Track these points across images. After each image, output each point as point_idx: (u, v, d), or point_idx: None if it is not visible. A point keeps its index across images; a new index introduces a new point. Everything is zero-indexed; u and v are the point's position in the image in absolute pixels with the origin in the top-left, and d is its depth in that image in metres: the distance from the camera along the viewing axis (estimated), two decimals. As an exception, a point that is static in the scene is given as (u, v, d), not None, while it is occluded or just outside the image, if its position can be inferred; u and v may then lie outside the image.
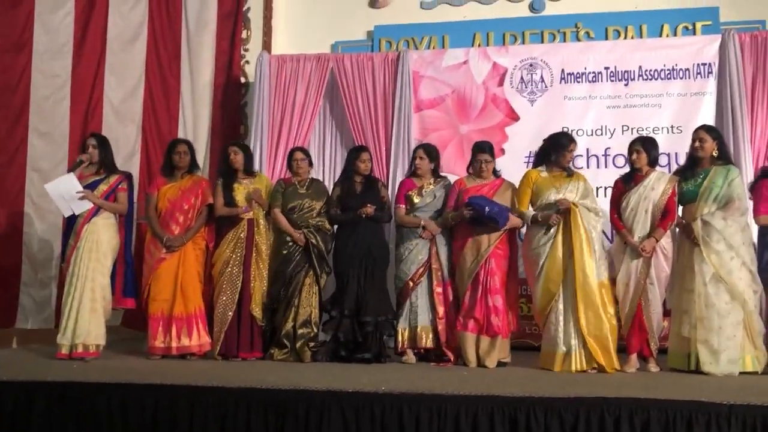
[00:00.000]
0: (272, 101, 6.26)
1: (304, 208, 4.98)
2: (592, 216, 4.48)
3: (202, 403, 3.45)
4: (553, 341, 4.43)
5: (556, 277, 4.43)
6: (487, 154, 4.84)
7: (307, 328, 4.86)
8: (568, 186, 4.55)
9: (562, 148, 4.63)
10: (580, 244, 4.37)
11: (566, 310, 4.40)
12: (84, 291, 4.68)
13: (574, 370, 4.31)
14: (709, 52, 5.77)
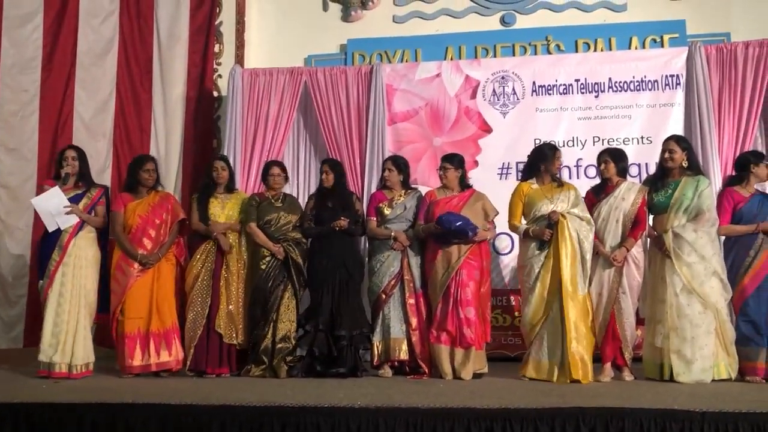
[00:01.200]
0: (245, 115, 6.24)
1: (280, 221, 4.96)
2: (584, 225, 4.47)
3: (175, 421, 3.38)
4: (542, 351, 4.42)
5: (549, 287, 4.44)
6: (446, 162, 4.85)
7: (286, 343, 4.82)
8: (559, 196, 4.56)
9: (550, 158, 4.66)
10: (566, 256, 4.39)
11: (555, 321, 4.41)
12: (80, 308, 4.66)
13: (557, 381, 4.31)
14: (677, 64, 5.89)
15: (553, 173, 4.67)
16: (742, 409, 3.18)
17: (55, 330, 4.62)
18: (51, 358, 4.59)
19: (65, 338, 4.61)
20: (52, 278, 4.65)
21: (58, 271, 4.65)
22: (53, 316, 4.64)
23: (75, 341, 4.63)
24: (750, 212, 4.48)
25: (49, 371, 4.58)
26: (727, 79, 5.76)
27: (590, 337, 4.41)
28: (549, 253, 4.46)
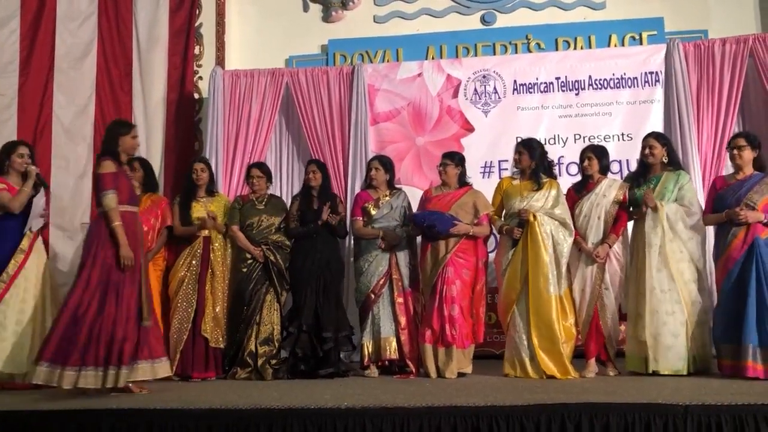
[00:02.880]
0: (227, 117, 6.21)
1: (262, 224, 4.95)
2: (560, 225, 4.50)
3: (161, 426, 3.36)
4: (515, 347, 4.48)
5: (515, 284, 4.49)
6: (446, 159, 4.85)
7: (269, 346, 4.81)
8: (534, 195, 4.57)
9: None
10: (535, 258, 4.43)
11: (526, 317, 4.45)
12: (46, 315, 4.46)
13: (535, 376, 4.37)
14: (656, 61, 5.95)
15: (528, 169, 4.64)
16: (724, 402, 3.21)
17: (17, 339, 4.32)
18: (17, 368, 4.30)
19: (31, 346, 4.32)
20: (11, 283, 4.39)
21: (19, 276, 4.41)
22: (13, 323, 4.35)
23: None
24: (724, 198, 4.36)
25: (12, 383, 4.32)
26: (706, 75, 5.83)
27: (569, 334, 4.44)
28: (517, 251, 4.50)
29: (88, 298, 3.92)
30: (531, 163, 4.62)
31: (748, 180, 4.29)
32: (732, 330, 4.15)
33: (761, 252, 4.13)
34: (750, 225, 4.19)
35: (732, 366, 4.14)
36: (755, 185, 4.25)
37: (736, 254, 4.20)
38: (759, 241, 4.15)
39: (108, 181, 4.00)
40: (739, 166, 4.35)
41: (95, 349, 3.85)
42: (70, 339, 3.84)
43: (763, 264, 4.11)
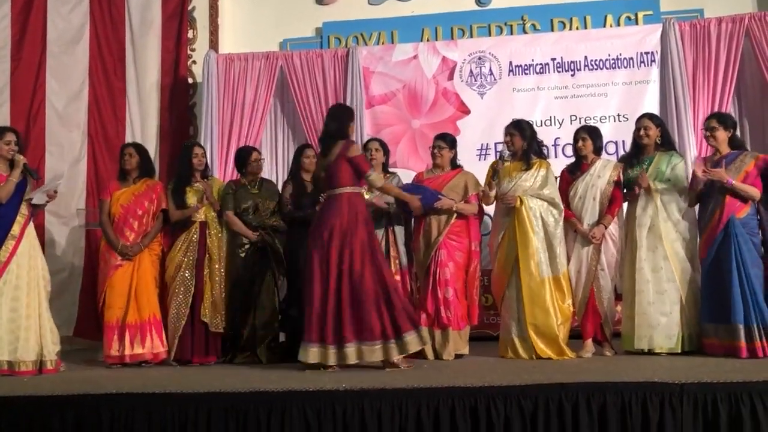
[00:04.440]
0: (221, 101, 6.19)
1: (258, 208, 4.94)
2: (549, 206, 4.51)
3: (160, 411, 3.37)
4: (507, 329, 4.51)
5: (506, 267, 4.52)
6: (442, 141, 4.84)
7: (267, 330, 4.82)
8: (522, 175, 4.57)
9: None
10: (524, 240, 4.44)
11: (518, 299, 4.48)
12: (41, 300, 4.45)
13: (526, 357, 4.41)
14: (651, 41, 5.92)
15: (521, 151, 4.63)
16: (719, 380, 3.24)
17: (12, 326, 4.32)
18: (14, 355, 4.30)
19: (26, 334, 4.33)
20: (3, 269, 4.34)
21: (11, 262, 4.37)
22: (7, 311, 4.32)
23: (42, 335, 4.41)
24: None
25: (11, 370, 4.29)
26: (701, 55, 5.81)
27: (565, 316, 4.46)
28: (507, 234, 4.52)
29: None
30: (523, 144, 4.61)
31: (725, 159, 4.30)
32: (717, 310, 4.18)
33: (737, 232, 4.16)
34: (724, 204, 4.21)
35: (722, 346, 4.16)
36: (731, 163, 4.27)
37: (713, 234, 4.24)
38: (735, 221, 4.18)
39: (365, 162, 4.27)
40: (715, 147, 4.37)
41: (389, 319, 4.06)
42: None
43: (738, 245, 4.13)
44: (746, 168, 4.23)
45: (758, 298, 4.08)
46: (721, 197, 4.23)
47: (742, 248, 4.14)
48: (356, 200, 4.21)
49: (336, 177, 4.20)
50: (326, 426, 3.28)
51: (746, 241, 4.16)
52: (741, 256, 4.12)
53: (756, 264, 4.17)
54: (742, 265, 4.11)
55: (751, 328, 4.06)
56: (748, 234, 4.19)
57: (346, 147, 4.21)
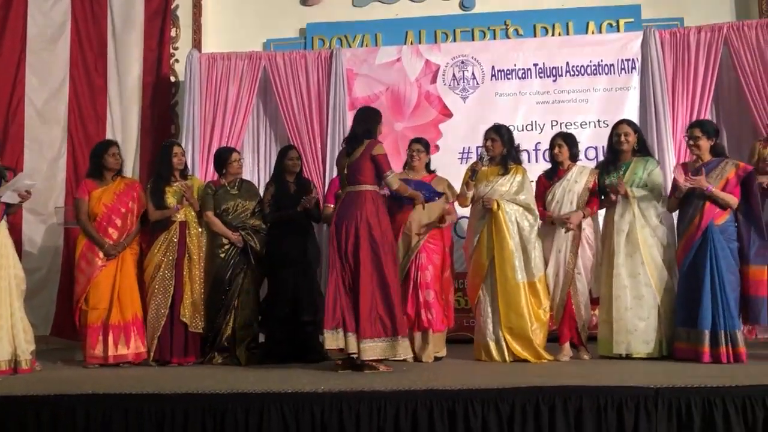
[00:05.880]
0: (203, 100, 6.16)
1: (238, 209, 4.93)
2: (525, 212, 4.55)
3: (136, 411, 3.35)
4: (482, 332, 4.54)
5: (480, 271, 4.55)
6: (420, 145, 4.91)
7: (247, 331, 4.82)
8: (499, 179, 4.61)
9: (484, 141, 4.73)
10: (500, 245, 4.47)
11: (492, 303, 4.51)
12: (13, 299, 4.38)
13: (499, 360, 4.44)
14: (632, 48, 5.99)
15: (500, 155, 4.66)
16: (694, 385, 3.28)
17: None
18: None
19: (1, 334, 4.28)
20: None
21: None
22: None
23: (15, 334, 4.34)
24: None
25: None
26: (681, 63, 5.89)
27: (541, 320, 4.49)
28: (482, 238, 4.56)
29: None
30: (502, 150, 4.65)
31: (706, 166, 4.36)
32: (688, 315, 4.24)
33: (715, 238, 4.21)
34: (704, 210, 4.26)
35: (687, 350, 4.22)
36: (712, 171, 4.32)
37: (692, 240, 4.29)
38: (713, 227, 4.24)
39: (388, 162, 4.28)
40: (698, 156, 4.43)
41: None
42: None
43: (715, 250, 4.19)
44: (727, 176, 4.28)
45: (729, 305, 4.14)
46: (701, 203, 4.29)
47: (718, 254, 4.19)
48: (377, 198, 4.24)
49: (359, 174, 4.23)
50: (304, 428, 3.29)
51: (723, 248, 4.22)
52: (717, 261, 4.18)
53: (731, 271, 4.22)
54: (717, 270, 4.17)
55: (717, 334, 4.11)
56: (726, 241, 4.24)
57: (372, 145, 4.24)
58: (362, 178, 4.22)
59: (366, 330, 4.00)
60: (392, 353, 4.05)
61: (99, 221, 4.79)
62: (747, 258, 4.26)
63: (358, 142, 4.28)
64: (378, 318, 4.05)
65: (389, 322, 4.06)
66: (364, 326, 4.01)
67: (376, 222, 4.14)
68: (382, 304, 4.07)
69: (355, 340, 4.03)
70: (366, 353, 4.01)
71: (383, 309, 4.06)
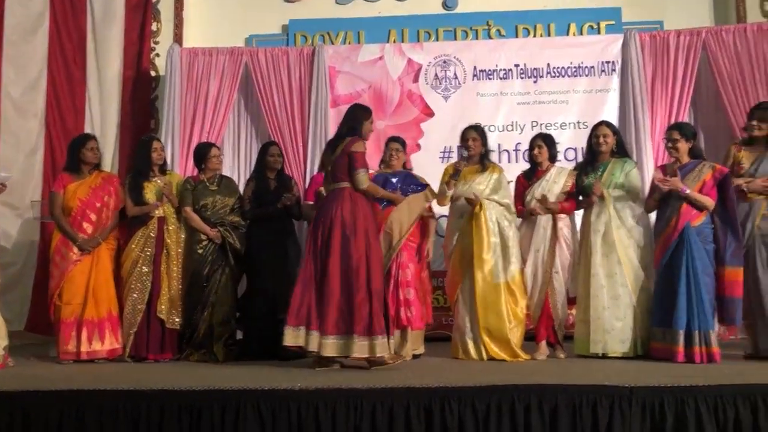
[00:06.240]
0: (184, 95, 6.12)
1: (217, 205, 4.90)
2: (505, 211, 4.59)
3: (111, 408, 3.32)
4: (460, 330, 4.57)
5: (460, 268, 4.58)
6: (398, 143, 4.92)
7: (225, 327, 4.79)
8: (477, 178, 4.65)
9: (462, 140, 4.77)
10: (481, 245, 4.49)
11: (470, 302, 4.53)
12: None
13: (477, 358, 4.46)
14: (613, 50, 6.04)
15: (478, 155, 4.70)
16: (667, 384, 3.32)
17: None
18: None
19: None
20: None
21: None
22: None
23: None
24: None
25: None
26: (660, 66, 5.96)
27: (518, 319, 4.52)
28: (461, 237, 4.58)
29: None
30: (481, 149, 4.70)
31: (684, 168, 4.41)
32: (664, 315, 4.28)
33: (691, 240, 4.25)
34: (681, 212, 4.30)
35: (662, 350, 4.26)
36: (689, 173, 4.37)
37: (668, 241, 4.32)
38: (690, 229, 4.28)
39: (362, 160, 4.17)
40: (676, 158, 4.47)
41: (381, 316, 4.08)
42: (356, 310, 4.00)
43: (691, 251, 4.23)
44: (704, 178, 4.33)
45: (704, 306, 4.19)
46: (678, 205, 4.33)
47: (694, 256, 4.24)
48: (356, 196, 4.18)
49: (339, 171, 4.20)
50: (280, 425, 3.27)
51: (699, 249, 4.26)
52: (693, 263, 4.23)
53: (707, 272, 4.27)
54: (693, 272, 4.21)
55: (691, 334, 4.16)
56: (702, 242, 4.29)
57: (351, 143, 4.20)
58: (342, 175, 4.20)
59: (328, 327, 3.98)
60: (347, 352, 3.98)
61: (74, 216, 4.74)
62: (723, 260, 4.30)
63: (341, 139, 4.26)
64: (340, 316, 4.00)
65: (350, 319, 3.99)
66: (327, 323, 3.98)
67: (351, 220, 4.10)
68: (345, 302, 4.01)
69: (317, 338, 4.00)
70: (326, 349, 3.98)
71: (345, 307, 4.01)
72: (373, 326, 4.00)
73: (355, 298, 4.01)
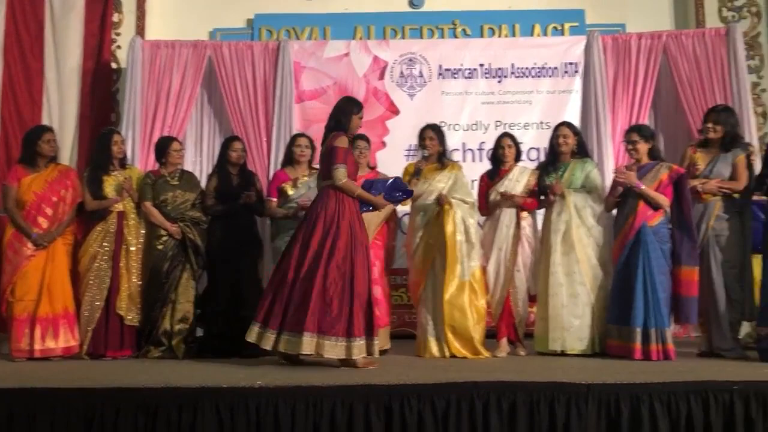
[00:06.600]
0: (146, 88, 6.02)
1: (177, 200, 4.83)
2: (468, 209, 4.62)
3: (64, 407, 3.25)
4: (423, 328, 4.58)
5: (423, 266, 4.59)
6: (365, 141, 4.93)
7: (184, 324, 4.74)
8: (436, 177, 4.67)
9: (419, 139, 4.78)
10: (445, 243, 4.50)
11: (434, 300, 4.54)
12: None
13: (440, 356, 4.48)
14: (576, 52, 6.12)
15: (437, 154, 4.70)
16: (623, 381, 3.38)
17: None
18: None
19: None
20: None
21: None
22: None
23: None
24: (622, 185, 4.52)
25: None
26: (622, 68, 6.06)
27: (480, 316, 4.56)
28: (425, 235, 4.59)
29: None
30: (439, 148, 4.72)
31: (643, 168, 4.49)
32: (621, 313, 4.35)
33: (647, 239, 4.33)
34: (638, 211, 4.38)
35: (619, 347, 4.33)
36: (647, 173, 4.46)
37: (625, 240, 4.40)
38: (646, 228, 4.35)
39: (342, 156, 4.03)
40: (636, 159, 4.56)
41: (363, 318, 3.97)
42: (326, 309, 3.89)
43: (647, 251, 4.31)
44: (660, 177, 4.41)
45: (660, 304, 4.27)
46: (635, 204, 4.41)
47: (650, 255, 4.32)
48: (340, 195, 4.05)
49: (325, 168, 4.11)
50: (239, 423, 3.23)
51: (655, 249, 4.34)
52: (649, 262, 4.31)
53: (663, 271, 4.35)
54: (649, 270, 4.29)
55: (648, 332, 4.24)
56: (658, 242, 4.37)
57: (334, 138, 4.10)
58: (327, 172, 4.10)
59: (307, 326, 3.90)
60: (322, 351, 3.90)
61: (28, 209, 4.62)
62: (679, 259, 4.39)
63: (328, 134, 4.17)
64: (320, 315, 3.92)
65: (357, 322, 3.92)
66: (303, 323, 3.90)
67: (335, 220, 3.99)
68: (323, 302, 3.93)
69: (273, 336, 3.93)
70: (281, 345, 3.92)
71: (324, 307, 3.92)
72: (353, 328, 3.90)
73: (335, 298, 3.91)
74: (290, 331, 3.90)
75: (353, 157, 4.22)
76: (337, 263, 3.94)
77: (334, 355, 3.91)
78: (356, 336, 3.91)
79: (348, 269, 3.96)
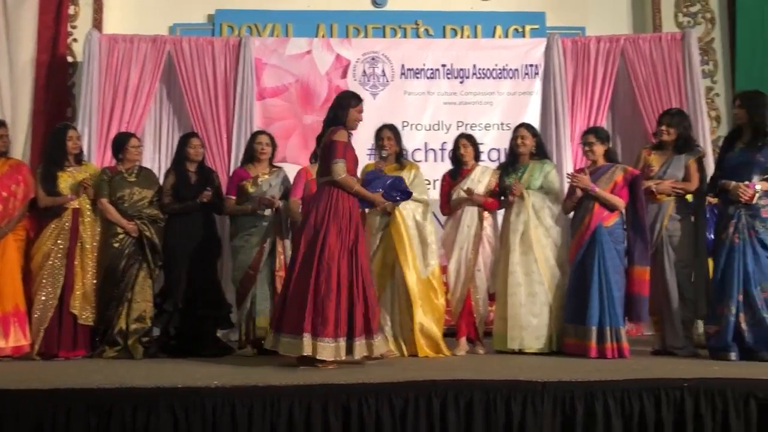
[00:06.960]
0: (103, 83, 5.91)
1: (134, 197, 4.75)
2: (421, 206, 4.64)
3: (12, 409, 3.16)
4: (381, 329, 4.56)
5: (383, 268, 4.58)
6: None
7: (141, 323, 4.65)
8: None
9: (376, 140, 4.78)
10: (402, 244, 4.52)
11: (393, 301, 4.55)
12: None
13: (399, 356, 4.47)
14: (536, 54, 6.20)
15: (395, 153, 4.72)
16: (578, 379, 3.43)
17: None
18: None
19: None
20: None
21: None
22: None
23: None
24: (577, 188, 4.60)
25: None
26: (581, 70, 6.16)
27: (440, 314, 4.59)
28: (384, 237, 4.59)
29: None
30: (397, 148, 4.74)
31: (599, 170, 4.58)
32: (577, 312, 4.42)
33: (603, 240, 4.41)
34: (593, 212, 4.47)
35: (576, 345, 4.41)
36: (603, 174, 4.55)
37: (581, 240, 4.48)
38: (602, 228, 4.44)
39: (341, 150, 3.92)
40: (593, 161, 4.64)
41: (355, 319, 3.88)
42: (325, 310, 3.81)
43: (602, 251, 4.39)
44: (615, 179, 4.50)
45: (614, 303, 4.35)
46: (591, 205, 4.49)
47: (605, 255, 4.40)
48: (337, 193, 3.96)
49: (324, 164, 4.02)
50: (195, 424, 3.19)
51: (610, 249, 4.43)
52: (604, 262, 4.39)
53: (617, 271, 4.43)
54: (604, 270, 4.38)
55: (603, 330, 4.32)
56: (613, 242, 4.45)
57: (333, 132, 4.01)
58: (326, 168, 4.00)
59: (285, 326, 3.87)
60: (300, 351, 3.85)
61: None
62: (632, 259, 4.48)
63: (326, 129, 4.09)
64: (284, 315, 3.90)
65: (292, 319, 3.87)
66: (284, 322, 3.88)
67: (325, 219, 3.91)
68: (284, 301, 3.92)
69: (272, 338, 3.93)
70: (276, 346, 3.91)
71: (286, 306, 3.90)
72: (338, 329, 3.84)
73: (318, 299, 3.82)
74: (289, 334, 3.85)
75: (353, 151, 4.10)
76: (326, 264, 3.86)
77: (329, 356, 3.82)
78: (340, 336, 3.85)
79: (336, 269, 3.86)
